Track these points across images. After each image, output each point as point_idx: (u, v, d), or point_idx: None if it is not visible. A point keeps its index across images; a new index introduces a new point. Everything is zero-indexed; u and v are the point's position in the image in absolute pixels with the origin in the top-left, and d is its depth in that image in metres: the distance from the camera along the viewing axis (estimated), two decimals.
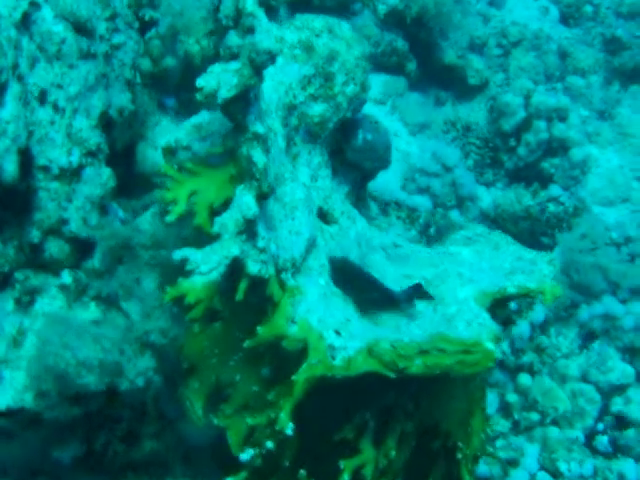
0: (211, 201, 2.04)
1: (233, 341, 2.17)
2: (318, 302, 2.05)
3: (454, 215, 3.63)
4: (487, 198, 3.96)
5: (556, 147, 4.11)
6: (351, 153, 2.44)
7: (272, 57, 1.94)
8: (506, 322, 2.21)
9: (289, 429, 1.90)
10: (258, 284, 2.00)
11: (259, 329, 1.96)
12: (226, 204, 2.04)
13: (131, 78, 2.66)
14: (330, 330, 2.00)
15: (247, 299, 2.01)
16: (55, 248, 2.43)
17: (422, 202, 3.68)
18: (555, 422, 3.01)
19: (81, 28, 2.46)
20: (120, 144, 2.68)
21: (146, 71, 2.81)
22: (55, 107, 2.42)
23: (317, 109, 2.31)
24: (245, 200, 1.96)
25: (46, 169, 2.39)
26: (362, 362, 1.93)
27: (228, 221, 1.96)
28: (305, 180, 2.25)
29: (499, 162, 4.10)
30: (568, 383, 3.13)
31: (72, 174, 2.44)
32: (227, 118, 2.07)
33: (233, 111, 2.03)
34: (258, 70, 1.97)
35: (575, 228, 3.91)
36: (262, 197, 1.98)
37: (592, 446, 3.08)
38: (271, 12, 2.80)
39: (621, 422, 3.13)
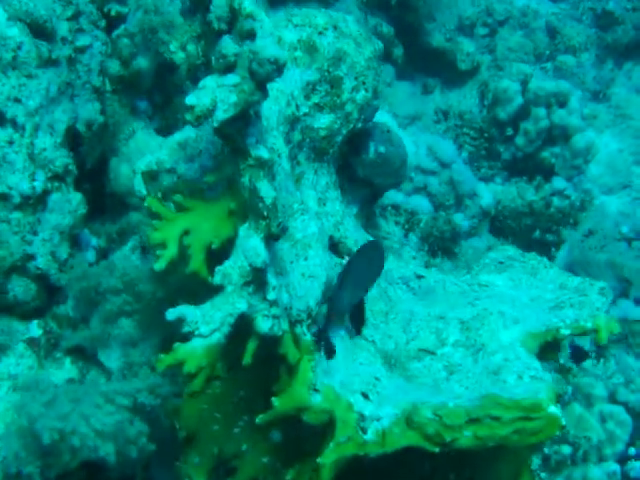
0: (208, 242, 1.70)
1: (237, 402, 1.84)
2: (340, 358, 1.71)
3: (458, 218, 3.31)
4: (487, 195, 3.66)
5: (557, 135, 3.82)
6: (361, 168, 2.10)
7: (279, 68, 1.59)
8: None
9: None
10: (269, 342, 1.65)
11: (275, 401, 1.62)
12: (226, 245, 1.68)
13: (99, 85, 2.30)
14: (357, 394, 1.66)
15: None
16: (20, 288, 2.10)
17: (421, 203, 3.35)
18: (586, 454, 2.70)
19: (40, 30, 2.10)
20: (90, 162, 2.35)
21: (115, 75, 2.45)
22: (14, 124, 2.06)
23: (323, 121, 1.97)
24: (252, 244, 1.61)
25: (5, 197, 2.04)
26: (400, 436, 1.60)
27: (232, 270, 1.61)
28: (313, 206, 1.90)
29: (495, 153, 3.82)
30: (596, 405, 2.83)
31: (36, 202, 2.12)
32: (222, 141, 1.72)
33: (230, 133, 1.67)
34: (261, 84, 1.62)
35: (582, 223, 3.64)
36: (272, 239, 1.63)
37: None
38: None
39: None
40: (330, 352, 1.73)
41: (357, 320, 1.82)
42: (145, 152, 2.23)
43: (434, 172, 3.48)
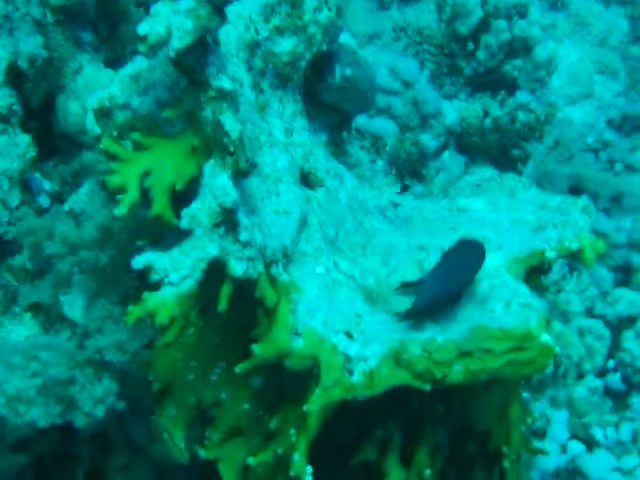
0: (171, 182, 1.57)
1: (213, 349, 1.74)
2: (320, 297, 1.62)
3: (425, 139, 3.21)
4: (451, 113, 3.56)
5: (518, 47, 3.72)
6: (328, 94, 1.98)
7: None
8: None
9: (308, 476, 1.49)
10: (244, 285, 1.55)
11: (255, 348, 1.52)
12: (191, 185, 1.57)
13: (40, 17, 2.13)
14: (340, 334, 1.57)
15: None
16: None
17: (386, 126, 3.24)
18: (568, 371, 2.66)
19: None
20: (35, 100, 2.19)
21: (56, 5, 2.28)
22: None
23: (285, 45, 1.84)
24: (219, 183, 1.49)
25: None
26: (388, 375, 1.51)
27: (200, 212, 1.50)
28: (280, 137, 1.78)
29: (457, 69, 3.70)
30: (574, 321, 2.79)
31: None
32: (180, 72, 1.58)
33: (188, 63, 1.54)
34: (218, 8, 1.48)
35: (548, 136, 3.56)
36: (240, 176, 1.52)
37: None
38: None
39: None
40: None
41: None
42: (94, 87, 2.08)
43: (397, 92, 3.36)
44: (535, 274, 1.79)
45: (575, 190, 3.47)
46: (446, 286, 1.63)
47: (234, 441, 1.71)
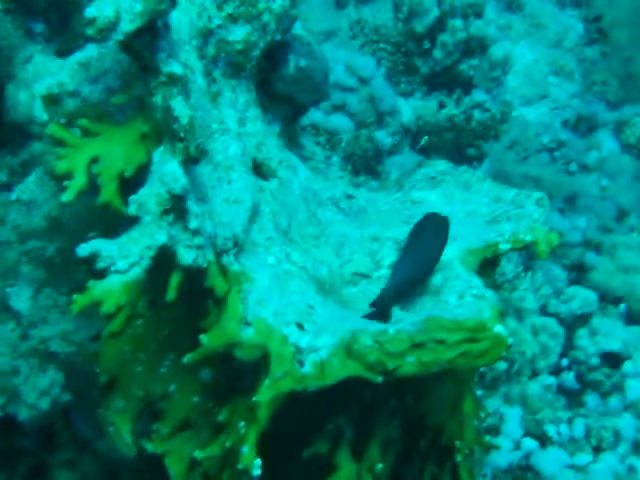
0: (120, 169, 1.54)
1: (162, 341, 1.70)
2: (271, 288, 1.59)
3: (380, 135, 3.20)
4: (407, 111, 3.56)
5: (474, 47, 3.73)
6: (282, 84, 1.95)
7: None
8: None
9: (257, 469, 1.46)
10: (194, 274, 1.51)
11: (203, 338, 1.49)
12: (141, 172, 1.53)
13: None
14: (292, 325, 1.54)
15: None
16: None
17: (341, 122, 3.22)
18: (522, 368, 2.66)
19: None
20: None
21: None
22: None
23: (239, 33, 1.81)
24: (169, 169, 1.46)
25: None
26: (340, 366, 1.49)
27: (148, 199, 1.47)
28: (233, 126, 1.76)
29: (414, 68, 3.71)
30: (528, 319, 2.79)
31: None
32: (129, 56, 1.55)
33: (138, 47, 1.51)
34: None
35: (504, 136, 3.57)
36: (191, 162, 1.49)
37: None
38: None
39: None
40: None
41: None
42: (45, 76, 2.03)
43: (353, 89, 3.34)
44: (489, 266, 1.77)
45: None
46: (413, 270, 1.63)
47: (182, 435, 1.68)
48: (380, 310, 1.64)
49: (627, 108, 3.73)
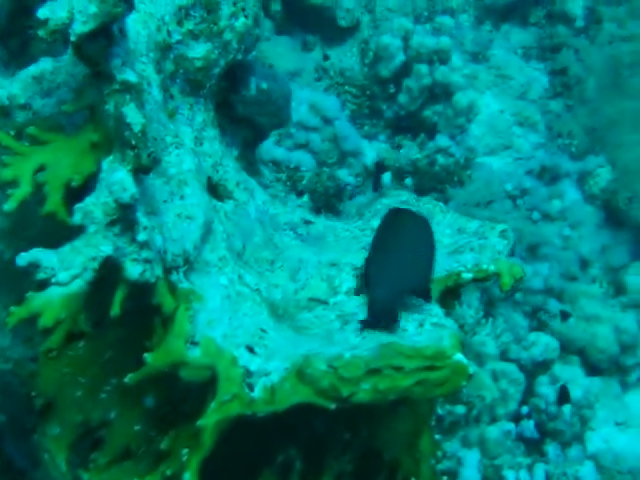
0: (67, 178, 1.47)
1: (104, 364, 1.61)
2: (222, 309, 1.52)
3: (342, 174, 3.15)
4: (371, 153, 3.53)
5: (439, 93, 3.73)
6: (242, 106, 1.90)
7: None
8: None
9: None
10: (141, 290, 1.43)
11: (148, 357, 1.40)
12: (89, 182, 1.46)
13: None
14: (242, 347, 1.47)
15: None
16: None
17: (304, 160, 3.17)
18: (481, 414, 2.59)
19: None
20: None
21: None
22: None
23: (199, 50, 1.76)
24: (118, 177, 1.39)
25: None
26: (291, 391, 1.41)
27: (94, 207, 1.39)
28: (189, 143, 1.69)
29: (378, 112, 3.69)
30: (488, 364, 2.73)
31: None
32: (83, 62, 1.49)
33: (91, 52, 1.44)
34: None
35: (468, 181, 3.55)
36: (142, 172, 1.42)
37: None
38: None
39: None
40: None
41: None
42: None
43: (316, 128, 3.31)
44: (450, 295, 1.71)
45: None
46: (399, 277, 1.54)
47: (121, 465, 1.58)
48: (376, 318, 1.54)
49: (591, 159, 3.73)
